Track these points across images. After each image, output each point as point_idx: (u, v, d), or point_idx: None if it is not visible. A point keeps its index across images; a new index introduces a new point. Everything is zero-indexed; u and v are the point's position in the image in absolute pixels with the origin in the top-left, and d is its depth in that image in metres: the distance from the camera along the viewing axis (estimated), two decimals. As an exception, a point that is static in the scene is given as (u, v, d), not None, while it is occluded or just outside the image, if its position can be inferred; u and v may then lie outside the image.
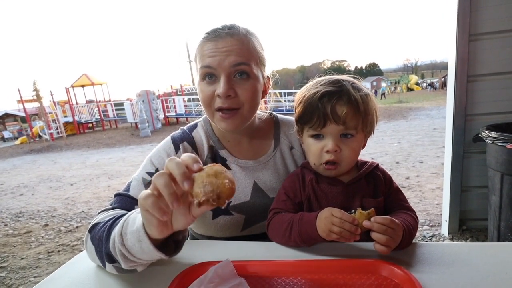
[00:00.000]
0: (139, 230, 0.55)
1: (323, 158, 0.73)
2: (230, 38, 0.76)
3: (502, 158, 1.74)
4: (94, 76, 18.10)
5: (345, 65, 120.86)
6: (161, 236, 0.54)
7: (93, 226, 0.70)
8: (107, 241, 0.62)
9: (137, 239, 0.56)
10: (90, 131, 16.25)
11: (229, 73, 0.76)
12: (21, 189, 5.38)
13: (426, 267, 0.62)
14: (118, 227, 0.60)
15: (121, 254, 0.59)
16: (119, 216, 0.67)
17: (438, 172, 3.90)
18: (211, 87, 0.78)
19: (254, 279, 0.62)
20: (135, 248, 0.57)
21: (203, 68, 0.77)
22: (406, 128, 8.05)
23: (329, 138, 0.73)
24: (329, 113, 0.70)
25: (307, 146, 0.78)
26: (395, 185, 0.82)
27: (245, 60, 0.77)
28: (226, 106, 0.77)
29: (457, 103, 2.10)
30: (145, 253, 0.56)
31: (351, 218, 0.63)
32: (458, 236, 2.28)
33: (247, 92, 0.78)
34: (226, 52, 0.75)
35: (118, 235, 0.59)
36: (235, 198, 0.87)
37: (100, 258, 0.65)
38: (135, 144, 10.05)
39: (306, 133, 0.77)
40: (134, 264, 0.61)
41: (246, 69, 0.77)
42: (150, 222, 0.52)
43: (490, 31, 1.98)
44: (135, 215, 0.60)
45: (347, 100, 0.71)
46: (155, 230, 0.53)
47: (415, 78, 41.70)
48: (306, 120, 0.74)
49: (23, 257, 2.72)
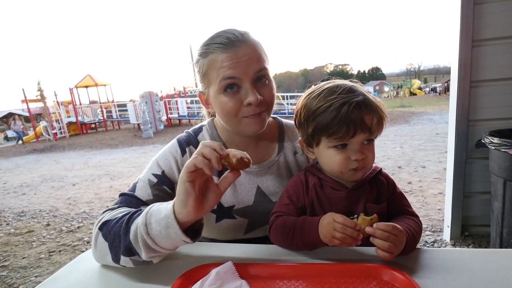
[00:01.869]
0: (168, 216, 0.62)
1: (351, 166, 0.72)
2: (246, 46, 0.77)
3: (505, 164, 1.73)
4: (98, 77, 18.22)
5: (347, 69, 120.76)
6: (192, 217, 0.62)
7: (104, 223, 0.72)
8: (127, 234, 0.66)
9: (165, 225, 0.62)
10: (93, 131, 16.32)
11: (253, 80, 0.78)
12: (24, 189, 5.41)
13: (427, 273, 0.62)
14: (140, 219, 0.65)
15: (144, 244, 0.64)
16: (134, 212, 0.70)
17: (441, 178, 3.88)
18: (235, 97, 0.78)
19: (256, 282, 0.62)
20: (160, 235, 0.63)
21: (226, 80, 0.76)
22: (409, 133, 8.03)
23: (354, 147, 0.72)
24: (359, 123, 0.69)
25: (328, 157, 0.74)
26: (399, 190, 0.82)
27: (264, 65, 0.80)
28: (257, 112, 0.79)
29: (460, 109, 2.10)
30: (171, 239, 0.63)
31: (353, 223, 0.63)
32: (460, 242, 2.27)
33: (270, 94, 0.81)
34: (248, 60, 0.76)
35: (142, 225, 0.64)
36: (239, 202, 0.88)
37: (114, 253, 0.68)
38: (137, 145, 10.08)
39: (326, 144, 0.74)
40: (154, 255, 0.66)
41: (266, 73, 0.80)
42: (189, 196, 0.60)
43: (493, 37, 1.98)
44: (158, 207, 0.66)
45: (372, 108, 0.71)
46: (191, 207, 0.60)
47: (418, 83, 41.62)
48: (333, 132, 0.71)
49: (25, 256, 2.73)
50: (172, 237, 0.62)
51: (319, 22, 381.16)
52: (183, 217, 0.61)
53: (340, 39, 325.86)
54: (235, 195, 0.88)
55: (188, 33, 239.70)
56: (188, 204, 0.60)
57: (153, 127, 12.59)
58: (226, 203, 0.87)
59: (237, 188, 0.88)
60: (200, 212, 0.62)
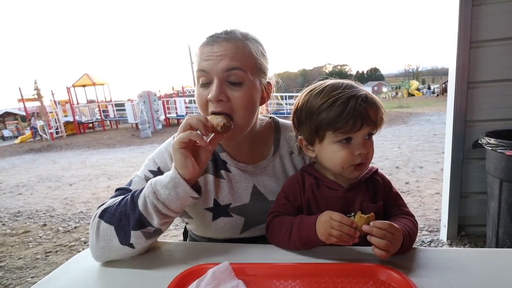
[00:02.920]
0: (174, 177, 0.69)
1: (355, 161, 0.73)
2: (226, 42, 0.76)
3: (501, 165, 1.74)
4: (95, 76, 18.15)
5: (346, 70, 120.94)
6: (193, 175, 0.70)
7: (104, 210, 0.74)
8: (135, 209, 0.71)
9: (173, 186, 0.69)
10: (90, 131, 16.26)
11: (221, 78, 0.75)
12: (20, 189, 5.37)
13: (424, 272, 0.62)
14: (146, 190, 0.71)
15: (155, 211, 0.70)
16: (134, 191, 0.75)
17: (438, 178, 3.90)
18: (206, 91, 0.77)
19: (253, 282, 0.62)
20: (170, 197, 0.69)
21: (198, 72, 0.78)
22: (406, 133, 8.06)
23: (358, 141, 0.72)
24: (365, 116, 0.71)
25: (333, 152, 0.74)
26: (395, 190, 0.82)
27: (239, 65, 0.75)
28: (218, 110, 0.75)
29: (457, 109, 2.11)
30: (180, 198, 0.70)
31: (350, 221, 0.64)
32: (457, 242, 2.28)
33: (240, 99, 0.76)
34: (220, 56, 0.74)
35: (151, 193, 0.70)
36: (235, 200, 0.88)
37: (122, 234, 0.71)
38: (135, 145, 10.05)
39: (331, 139, 0.74)
40: (165, 221, 0.72)
41: (240, 74, 0.75)
42: (186, 158, 0.69)
43: (491, 39, 1.99)
44: (158, 178, 0.73)
45: (375, 103, 0.73)
46: (190, 166, 0.69)
47: (416, 84, 41.73)
48: (341, 125, 0.71)
49: (21, 257, 2.71)
50: (181, 196, 0.70)
51: (318, 22, 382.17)
52: (187, 176, 0.69)
53: (339, 39, 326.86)
54: (232, 193, 0.88)
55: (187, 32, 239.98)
56: (188, 165, 0.69)
57: (151, 126, 12.56)
58: (223, 201, 0.87)
59: (233, 187, 0.88)
60: (197, 169, 0.71)
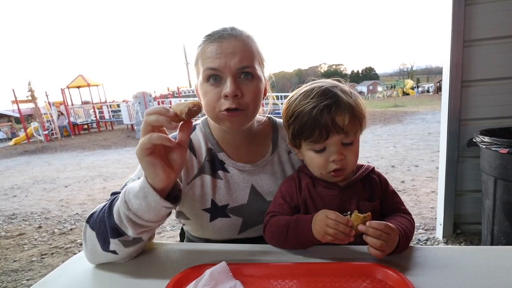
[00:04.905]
0: (144, 186, 0.63)
1: (330, 167, 0.73)
2: (234, 39, 0.77)
3: (495, 163, 1.76)
4: (90, 77, 17.99)
5: (341, 69, 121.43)
6: (167, 182, 0.63)
7: (90, 215, 0.74)
8: (110, 216, 0.67)
9: (143, 196, 0.63)
10: (85, 132, 16.13)
11: (235, 74, 0.77)
12: (15, 191, 5.31)
13: (420, 270, 0.63)
14: (119, 200, 0.67)
15: (128, 220, 0.65)
16: (115, 198, 0.71)
17: (433, 176, 3.93)
18: (216, 89, 0.77)
19: (250, 282, 0.62)
20: (141, 207, 0.64)
21: (208, 70, 0.77)
22: (402, 132, 8.11)
23: (332, 149, 0.72)
24: (330, 125, 0.70)
25: (309, 159, 0.76)
26: (391, 188, 0.83)
27: (250, 62, 0.78)
28: (233, 107, 0.77)
29: (452, 108, 2.13)
30: (152, 208, 0.64)
31: (346, 220, 0.64)
32: (453, 240, 2.30)
33: (252, 92, 0.79)
34: (231, 53, 0.76)
35: (122, 203, 0.65)
36: (233, 201, 0.87)
37: (102, 240, 0.69)
38: (131, 146, 9.99)
39: (305, 147, 0.76)
40: (141, 230, 0.67)
41: (251, 70, 0.78)
42: (154, 166, 0.61)
43: (484, 38, 2.01)
44: (132, 184, 0.67)
45: (344, 108, 0.71)
46: (161, 174, 0.62)
47: (410, 83, 42.01)
48: (307, 136, 0.73)
49: (16, 259, 2.68)
50: (152, 206, 0.64)
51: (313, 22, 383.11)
52: (158, 185, 0.63)
53: (334, 39, 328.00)
54: (229, 193, 0.88)
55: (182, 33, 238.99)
56: (158, 173, 0.62)
57: (146, 127, 12.47)
58: (220, 201, 0.87)
59: (231, 187, 0.88)
60: (172, 175, 0.64)
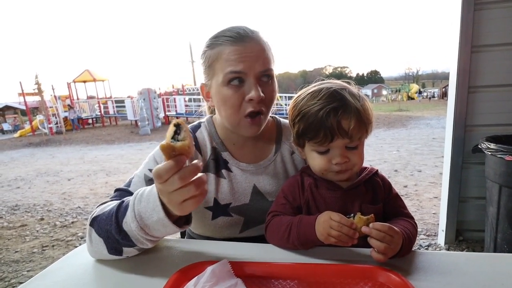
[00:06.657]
0: (162, 220, 0.62)
1: (332, 169, 0.73)
2: (255, 43, 0.78)
3: (500, 170, 1.74)
4: (96, 72, 18.11)
5: (346, 72, 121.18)
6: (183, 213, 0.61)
7: (94, 219, 0.71)
8: (126, 237, 0.66)
9: (162, 226, 0.63)
10: (89, 127, 16.23)
11: (258, 77, 0.78)
12: (18, 182, 5.36)
13: (423, 275, 0.62)
14: (133, 224, 0.64)
15: (148, 241, 0.66)
16: (118, 207, 0.68)
17: (436, 182, 3.90)
18: (239, 91, 0.77)
19: (251, 281, 0.62)
20: (160, 233, 0.66)
21: (232, 73, 0.76)
22: (406, 137, 8.06)
23: (336, 151, 0.72)
24: (335, 128, 0.69)
25: (312, 159, 0.76)
26: (394, 191, 0.82)
27: (270, 65, 0.80)
28: (258, 109, 0.78)
29: (458, 114, 2.11)
30: (168, 233, 0.66)
31: (349, 222, 0.64)
32: (455, 247, 2.28)
33: (271, 94, 0.81)
34: (255, 57, 0.77)
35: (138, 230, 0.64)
36: (235, 200, 0.88)
37: (112, 248, 0.69)
38: (134, 142, 10.04)
39: (309, 147, 0.76)
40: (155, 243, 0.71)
41: (271, 74, 0.80)
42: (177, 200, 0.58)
43: (493, 44, 1.99)
44: (144, 207, 0.63)
45: (351, 113, 0.70)
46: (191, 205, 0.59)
47: (416, 87, 41.84)
48: (311, 137, 0.72)
49: (17, 250, 2.70)
50: (170, 232, 0.66)
51: (319, 24, 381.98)
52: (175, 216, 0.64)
53: (340, 41, 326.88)
54: (232, 193, 0.88)
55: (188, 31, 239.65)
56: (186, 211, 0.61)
57: (150, 124, 12.54)
58: (223, 200, 0.87)
59: (233, 186, 0.88)
60: None
